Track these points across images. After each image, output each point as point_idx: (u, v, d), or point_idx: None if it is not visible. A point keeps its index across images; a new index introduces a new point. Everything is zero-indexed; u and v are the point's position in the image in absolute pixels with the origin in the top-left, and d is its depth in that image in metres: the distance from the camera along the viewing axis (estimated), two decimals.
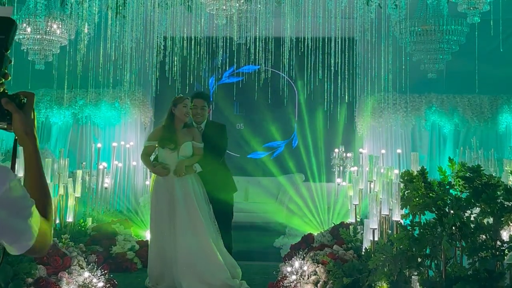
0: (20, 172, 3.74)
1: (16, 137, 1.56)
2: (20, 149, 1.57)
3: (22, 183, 1.48)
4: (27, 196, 1.43)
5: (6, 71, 1.50)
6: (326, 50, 8.63)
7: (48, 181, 6.00)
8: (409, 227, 4.26)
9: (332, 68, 8.56)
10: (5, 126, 1.55)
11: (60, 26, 7.70)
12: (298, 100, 10.89)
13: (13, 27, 1.50)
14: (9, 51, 1.50)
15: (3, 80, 1.50)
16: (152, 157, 5.94)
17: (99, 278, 4.98)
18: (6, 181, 1.38)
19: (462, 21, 7.55)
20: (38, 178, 1.58)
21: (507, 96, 9.73)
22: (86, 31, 7.89)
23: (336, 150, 9.62)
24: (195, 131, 5.79)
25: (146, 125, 10.21)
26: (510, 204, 3.96)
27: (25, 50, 7.85)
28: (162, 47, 9.02)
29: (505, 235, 4.08)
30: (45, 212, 1.53)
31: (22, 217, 1.41)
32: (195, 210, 5.50)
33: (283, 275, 5.37)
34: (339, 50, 8.38)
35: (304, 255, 5.52)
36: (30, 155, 1.57)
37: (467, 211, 4.10)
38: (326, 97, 9.13)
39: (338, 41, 8.31)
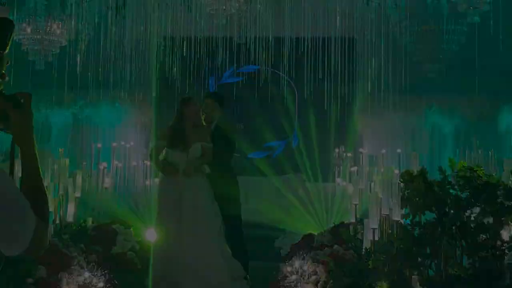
0: (19, 172, 3.74)
1: (13, 138, 1.55)
2: (18, 149, 1.56)
3: (19, 184, 1.48)
4: (22, 197, 1.42)
5: (3, 71, 1.50)
6: (326, 50, 8.63)
7: (48, 181, 5.99)
8: (409, 227, 4.25)
9: (332, 68, 8.56)
10: (2, 127, 1.54)
11: (60, 26, 7.70)
12: (298, 100, 10.87)
13: (10, 27, 1.50)
14: (8, 51, 1.50)
15: (0, 80, 1.50)
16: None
17: (99, 278, 4.97)
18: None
19: (462, 21, 7.55)
20: (35, 179, 1.57)
21: (507, 96, 9.73)
22: (86, 31, 7.90)
23: (336, 150, 9.61)
24: (204, 131, 5.66)
25: (146, 125, 10.21)
26: (510, 204, 3.96)
27: (25, 50, 7.85)
28: (162, 47, 9.01)
29: (505, 235, 4.07)
30: (41, 213, 1.52)
31: (17, 218, 1.41)
32: (202, 211, 5.45)
33: (283, 275, 5.36)
34: (339, 50, 8.38)
35: (304, 255, 5.51)
36: (27, 155, 1.56)
37: (467, 211, 4.10)
38: (326, 97, 9.13)
39: (338, 41, 8.32)
